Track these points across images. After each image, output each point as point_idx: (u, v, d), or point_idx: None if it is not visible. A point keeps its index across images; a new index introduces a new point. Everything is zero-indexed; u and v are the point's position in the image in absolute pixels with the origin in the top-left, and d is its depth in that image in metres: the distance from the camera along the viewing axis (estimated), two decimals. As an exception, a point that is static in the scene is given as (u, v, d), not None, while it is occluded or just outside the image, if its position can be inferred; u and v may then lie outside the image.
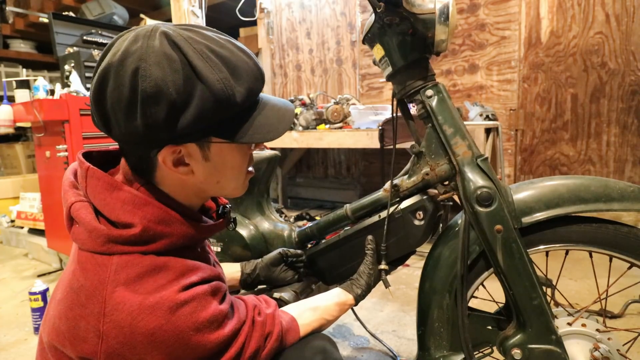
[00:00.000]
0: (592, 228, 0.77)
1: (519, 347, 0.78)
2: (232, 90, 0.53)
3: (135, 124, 0.51)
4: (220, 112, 0.53)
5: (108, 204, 0.54)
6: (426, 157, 0.83)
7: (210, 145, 0.57)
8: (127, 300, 0.49)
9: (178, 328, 0.50)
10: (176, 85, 0.50)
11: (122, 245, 0.52)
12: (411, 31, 0.77)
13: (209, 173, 0.59)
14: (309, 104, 2.87)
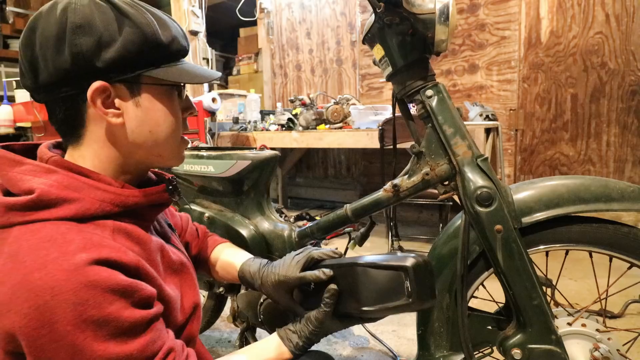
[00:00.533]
0: (592, 228, 0.77)
1: (519, 347, 0.78)
2: (157, 29, 0.55)
3: (63, 57, 0.51)
4: (145, 48, 0.54)
5: (10, 179, 0.52)
6: (426, 157, 0.83)
7: (140, 88, 0.56)
8: (12, 272, 0.44)
9: (56, 315, 0.43)
10: (104, 22, 0.52)
11: (21, 213, 0.48)
12: (411, 31, 0.77)
13: (140, 120, 0.57)
14: (309, 104, 2.88)
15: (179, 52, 0.60)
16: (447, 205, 2.36)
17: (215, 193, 1.19)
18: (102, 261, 0.46)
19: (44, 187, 0.49)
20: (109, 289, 0.45)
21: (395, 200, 0.88)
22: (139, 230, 0.57)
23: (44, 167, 0.52)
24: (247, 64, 4.62)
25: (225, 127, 3.23)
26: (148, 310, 0.50)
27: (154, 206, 0.61)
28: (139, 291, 0.49)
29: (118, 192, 0.54)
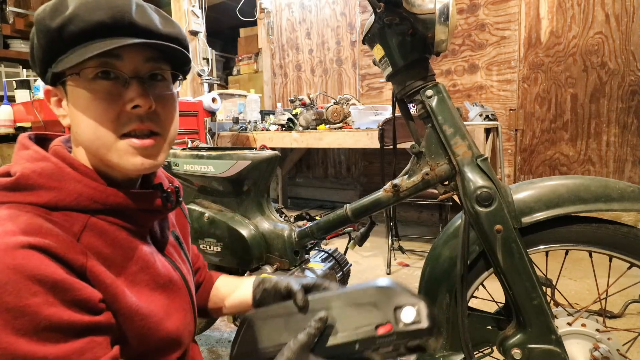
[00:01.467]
0: (592, 228, 0.77)
1: (518, 347, 0.78)
2: (46, 15, 0.49)
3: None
4: (43, 41, 0.50)
5: (16, 162, 0.53)
6: (426, 157, 0.83)
7: (65, 86, 0.53)
8: None
9: None
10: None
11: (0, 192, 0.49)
12: (411, 31, 0.77)
13: (71, 118, 0.54)
14: (309, 104, 2.88)
15: (87, 31, 0.48)
16: (447, 205, 2.36)
17: (215, 193, 1.19)
18: (39, 247, 0.42)
19: (26, 172, 0.49)
20: (35, 278, 0.41)
21: (395, 200, 0.88)
22: (120, 232, 0.53)
23: (41, 154, 0.52)
24: (247, 64, 4.62)
25: (225, 127, 3.23)
26: (85, 315, 0.44)
27: (145, 211, 0.56)
28: (75, 291, 0.43)
29: (99, 189, 0.52)
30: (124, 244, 0.53)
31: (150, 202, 0.56)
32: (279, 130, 2.99)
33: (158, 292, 0.56)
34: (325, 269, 1.10)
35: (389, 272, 2.15)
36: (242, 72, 4.67)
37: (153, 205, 0.57)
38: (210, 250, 1.15)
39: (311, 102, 2.89)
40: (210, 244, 1.15)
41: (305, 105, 2.87)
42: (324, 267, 1.11)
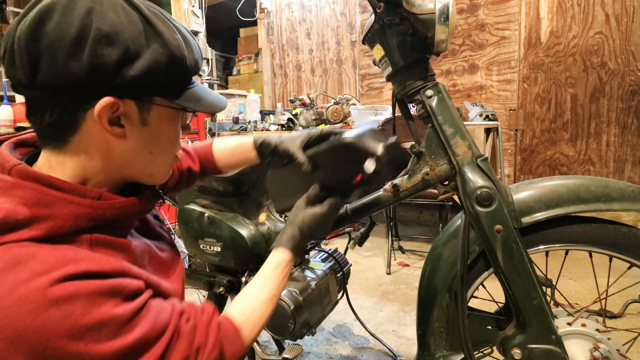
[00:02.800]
0: (592, 228, 0.77)
1: (518, 347, 0.78)
2: (186, 52, 0.52)
3: (78, 64, 0.46)
4: (171, 71, 0.51)
5: None
6: (426, 157, 0.83)
7: (151, 108, 0.53)
8: None
9: (46, 334, 0.40)
10: (132, 33, 0.48)
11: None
12: (411, 31, 0.77)
13: (143, 140, 0.54)
14: (309, 104, 2.88)
15: (195, 74, 0.57)
16: (447, 205, 2.36)
17: (215, 193, 1.19)
18: (80, 274, 0.44)
19: (9, 207, 0.44)
20: (94, 294, 0.43)
21: (395, 200, 0.88)
22: (116, 239, 0.53)
23: (7, 182, 0.47)
24: (247, 64, 4.62)
25: (225, 127, 3.23)
26: (140, 297, 0.49)
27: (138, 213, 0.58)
28: (126, 287, 0.47)
29: (95, 206, 0.50)
30: (125, 246, 0.54)
31: (142, 204, 0.57)
32: (279, 130, 2.99)
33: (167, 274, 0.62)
34: (325, 269, 1.10)
35: (389, 272, 2.15)
36: (242, 72, 4.67)
37: (143, 207, 0.58)
38: (210, 250, 1.15)
39: (311, 102, 2.89)
40: (210, 244, 1.15)
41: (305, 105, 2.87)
42: (324, 267, 1.11)
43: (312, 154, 0.77)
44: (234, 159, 0.90)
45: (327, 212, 0.73)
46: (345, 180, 0.73)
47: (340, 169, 0.73)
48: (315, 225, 0.72)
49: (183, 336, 0.51)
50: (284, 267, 0.69)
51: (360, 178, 0.71)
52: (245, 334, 0.60)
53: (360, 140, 0.72)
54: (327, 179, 0.75)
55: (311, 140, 0.82)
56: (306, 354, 1.44)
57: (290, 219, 0.73)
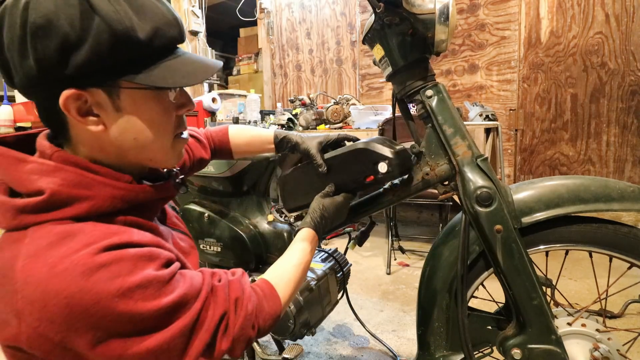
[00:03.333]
0: (592, 228, 0.77)
1: (518, 347, 0.78)
2: (132, 24, 0.47)
3: (28, 62, 0.46)
4: (119, 49, 0.47)
5: (15, 178, 0.50)
6: (426, 157, 0.83)
7: (120, 92, 0.50)
8: (36, 271, 0.44)
9: (97, 294, 0.43)
10: (69, 17, 0.45)
11: (34, 215, 0.47)
12: (411, 31, 0.77)
13: (123, 127, 0.52)
14: (309, 104, 2.88)
15: (166, 46, 0.52)
16: (447, 205, 2.36)
17: (215, 193, 1.19)
18: (123, 244, 0.47)
19: (54, 187, 0.48)
20: (137, 257, 0.47)
21: (395, 200, 0.88)
22: (146, 222, 0.57)
23: (50, 165, 0.50)
24: (247, 64, 4.62)
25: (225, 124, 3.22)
26: (174, 265, 0.52)
27: (163, 199, 0.61)
28: (161, 254, 0.51)
29: (129, 189, 0.53)
30: (154, 228, 0.58)
31: (168, 190, 0.61)
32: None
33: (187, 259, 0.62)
34: (325, 269, 1.10)
35: (389, 272, 2.15)
36: (242, 72, 4.67)
37: (170, 193, 0.61)
38: (210, 250, 1.15)
39: (311, 102, 2.89)
40: (210, 244, 1.15)
41: (305, 105, 2.87)
42: (324, 267, 1.11)
43: (329, 158, 0.86)
44: (250, 148, 0.95)
45: (343, 201, 0.82)
46: (359, 180, 0.82)
47: (354, 171, 0.82)
48: (334, 210, 0.80)
49: (218, 292, 0.54)
50: (310, 241, 0.74)
51: (373, 178, 0.80)
52: (281, 292, 0.63)
53: (374, 145, 0.81)
54: (340, 179, 0.84)
55: (328, 143, 0.89)
56: (306, 354, 1.44)
57: (312, 207, 0.80)
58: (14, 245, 0.47)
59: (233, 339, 0.54)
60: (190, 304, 0.51)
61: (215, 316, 0.53)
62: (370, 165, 0.80)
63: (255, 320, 0.57)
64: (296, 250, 0.72)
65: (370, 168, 0.80)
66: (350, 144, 0.87)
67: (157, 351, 0.47)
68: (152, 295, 0.47)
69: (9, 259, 0.46)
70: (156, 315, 0.47)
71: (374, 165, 0.80)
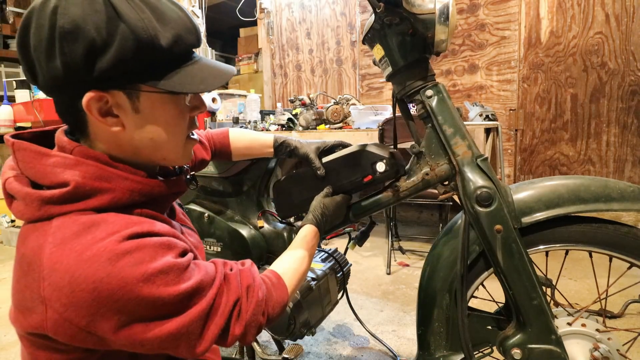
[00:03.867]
0: (592, 228, 0.77)
1: (518, 347, 0.78)
2: (155, 32, 0.50)
3: (55, 64, 0.49)
4: (142, 55, 0.50)
5: (39, 172, 0.52)
6: (426, 157, 0.83)
7: (139, 94, 0.53)
8: (63, 258, 0.46)
9: (123, 279, 0.46)
10: (96, 23, 0.48)
11: (59, 206, 0.50)
12: (411, 31, 0.77)
13: (140, 127, 0.55)
14: (309, 104, 2.87)
15: (185, 52, 0.55)
16: (447, 205, 2.36)
17: (215, 193, 1.19)
18: (144, 233, 0.50)
19: (78, 179, 0.50)
20: (157, 246, 0.50)
21: (395, 200, 0.88)
22: (160, 215, 0.60)
23: (72, 159, 0.52)
24: (247, 64, 4.62)
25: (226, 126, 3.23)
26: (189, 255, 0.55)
27: (175, 194, 0.63)
28: (177, 244, 0.53)
29: (145, 182, 0.56)
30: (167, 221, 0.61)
31: (180, 185, 0.63)
32: (279, 130, 2.99)
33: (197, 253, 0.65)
34: (325, 269, 1.10)
35: (389, 272, 2.15)
36: (242, 72, 4.67)
37: (181, 188, 0.64)
38: (210, 250, 1.15)
39: (311, 102, 2.89)
40: (210, 244, 1.15)
41: (305, 105, 2.87)
42: (324, 267, 1.10)
43: (326, 162, 0.90)
44: (250, 151, 0.98)
45: (342, 201, 0.86)
46: (357, 181, 0.86)
47: (352, 172, 0.87)
48: (334, 209, 0.84)
49: (231, 280, 0.57)
50: (312, 237, 0.77)
51: (371, 178, 0.85)
52: (288, 281, 0.67)
53: (370, 147, 0.86)
54: (338, 182, 0.88)
55: (325, 149, 0.94)
56: (306, 354, 1.44)
57: (314, 206, 0.83)
58: (39, 235, 0.49)
59: (246, 324, 0.56)
60: (206, 290, 0.53)
61: (229, 302, 0.55)
62: (369, 165, 0.84)
63: (265, 307, 0.60)
64: (300, 244, 0.75)
65: (369, 168, 0.84)
66: (345, 149, 0.91)
67: (176, 334, 0.50)
68: (173, 280, 0.49)
69: (35, 248, 0.48)
70: (176, 300, 0.49)
71: (372, 165, 0.84)
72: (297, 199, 0.94)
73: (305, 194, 0.92)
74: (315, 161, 0.90)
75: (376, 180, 0.85)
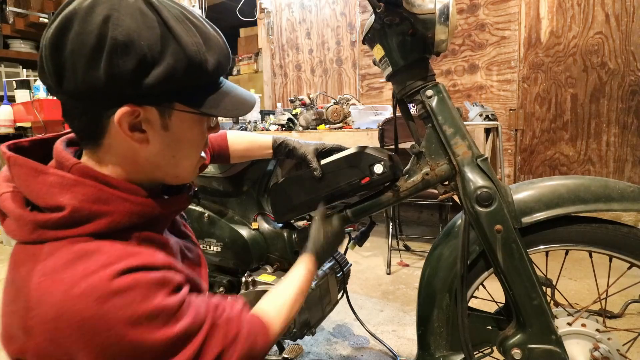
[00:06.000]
0: (592, 228, 0.77)
1: (518, 347, 0.78)
2: (205, 56, 0.51)
3: (97, 73, 0.47)
4: (190, 77, 0.51)
5: (34, 190, 0.49)
6: (426, 157, 0.83)
7: (172, 113, 0.53)
8: (52, 290, 0.44)
9: (110, 322, 0.44)
10: (149, 40, 0.47)
11: (53, 231, 0.48)
12: (411, 31, 0.77)
13: (165, 144, 0.55)
14: (309, 104, 2.87)
15: (220, 76, 0.57)
16: (447, 205, 2.36)
17: (215, 193, 1.19)
18: (139, 267, 0.47)
19: (75, 204, 0.48)
20: (150, 284, 0.47)
21: (395, 200, 0.88)
22: (158, 236, 0.57)
23: (70, 178, 0.50)
24: (247, 64, 4.62)
25: (226, 127, 3.23)
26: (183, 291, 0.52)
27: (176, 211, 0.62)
28: (172, 279, 0.51)
29: (145, 204, 0.54)
30: (165, 243, 0.58)
31: (182, 203, 0.62)
32: (279, 130, 2.99)
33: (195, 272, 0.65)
34: (325, 269, 1.10)
35: (389, 272, 2.15)
36: (242, 72, 4.67)
37: (183, 205, 0.63)
38: (210, 250, 1.15)
39: (311, 102, 2.89)
40: (210, 244, 1.15)
41: (305, 105, 2.87)
42: (324, 267, 1.11)
43: (324, 164, 0.91)
44: (249, 153, 0.98)
45: (341, 228, 0.87)
46: (354, 183, 0.87)
47: (350, 174, 0.88)
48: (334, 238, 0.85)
49: (219, 328, 0.55)
50: (310, 268, 0.76)
51: (369, 180, 0.85)
52: (275, 325, 0.65)
53: (368, 149, 0.87)
54: (335, 183, 0.89)
55: (324, 150, 0.94)
56: (306, 354, 1.44)
57: (314, 235, 0.82)
58: (29, 260, 0.47)
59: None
60: (193, 336, 0.51)
61: (215, 350, 0.53)
62: (367, 167, 0.85)
63: (249, 356, 0.58)
64: (295, 278, 0.73)
65: (367, 170, 0.85)
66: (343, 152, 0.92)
67: None
68: (161, 325, 0.47)
69: (24, 275, 0.46)
70: (161, 346, 0.47)
71: (370, 167, 0.85)
72: (294, 201, 0.94)
73: (302, 197, 0.93)
74: (312, 161, 0.91)
75: (374, 182, 0.85)
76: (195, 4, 3.54)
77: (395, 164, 0.86)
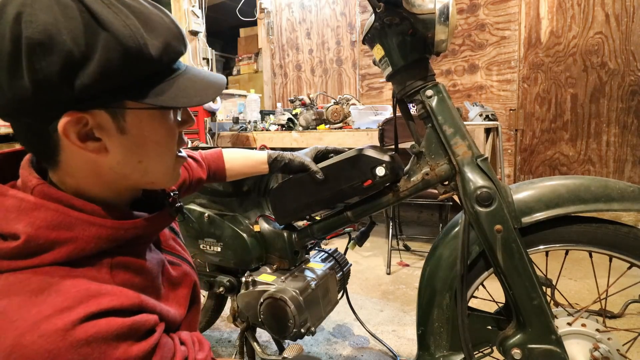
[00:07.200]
0: (592, 228, 0.77)
1: (518, 347, 0.78)
2: (144, 40, 0.43)
3: (21, 83, 0.40)
4: (131, 67, 0.43)
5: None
6: (426, 157, 0.83)
7: (125, 113, 0.45)
8: (1, 335, 0.39)
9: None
10: (72, 32, 0.39)
11: (8, 261, 0.42)
12: (411, 31, 0.77)
13: (127, 150, 0.47)
14: (309, 104, 2.87)
15: (173, 61, 0.48)
16: (447, 205, 2.36)
17: (215, 193, 1.19)
18: (102, 312, 0.42)
19: (31, 231, 0.42)
20: (112, 336, 0.42)
21: (395, 200, 0.88)
22: (137, 257, 0.52)
23: (29, 202, 0.44)
24: (247, 64, 4.62)
25: (225, 127, 3.23)
26: (154, 336, 0.47)
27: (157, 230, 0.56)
28: (143, 325, 0.45)
29: (116, 227, 0.48)
30: (143, 266, 0.52)
31: (163, 221, 0.56)
32: (279, 130, 2.99)
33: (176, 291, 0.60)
34: (325, 269, 1.10)
35: (389, 272, 2.15)
36: (242, 72, 4.67)
37: (165, 223, 0.56)
38: (210, 250, 1.15)
39: (311, 102, 2.89)
40: (210, 244, 1.15)
41: (305, 105, 2.87)
42: (324, 267, 1.11)
43: (324, 167, 0.91)
44: (244, 170, 0.96)
45: None
46: (356, 185, 0.87)
47: (351, 176, 0.87)
48: None
49: None
50: None
51: (371, 182, 0.85)
52: None
53: (369, 151, 0.86)
54: (337, 187, 0.89)
55: (319, 154, 0.95)
56: (306, 353, 1.44)
57: None
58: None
59: None
60: None
61: None
62: (368, 170, 0.85)
63: None
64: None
65: (368, 172, 0.85)
66: (341, 154, 0.92)
67: None
68: None
69: None
70: None
71: (372, 170, 0.85)
72: (295, 204, 0.95)
73: (304, 199, 0.94)
74: (312, 166, 0.90)
75: (376, 185, 0.86)
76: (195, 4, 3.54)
77: (397, 165, 0.86)
